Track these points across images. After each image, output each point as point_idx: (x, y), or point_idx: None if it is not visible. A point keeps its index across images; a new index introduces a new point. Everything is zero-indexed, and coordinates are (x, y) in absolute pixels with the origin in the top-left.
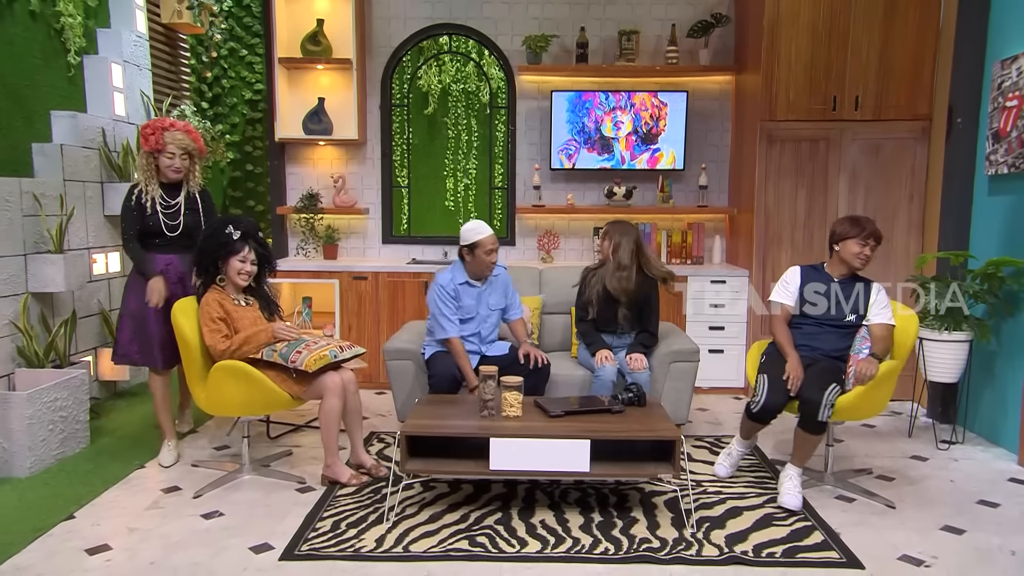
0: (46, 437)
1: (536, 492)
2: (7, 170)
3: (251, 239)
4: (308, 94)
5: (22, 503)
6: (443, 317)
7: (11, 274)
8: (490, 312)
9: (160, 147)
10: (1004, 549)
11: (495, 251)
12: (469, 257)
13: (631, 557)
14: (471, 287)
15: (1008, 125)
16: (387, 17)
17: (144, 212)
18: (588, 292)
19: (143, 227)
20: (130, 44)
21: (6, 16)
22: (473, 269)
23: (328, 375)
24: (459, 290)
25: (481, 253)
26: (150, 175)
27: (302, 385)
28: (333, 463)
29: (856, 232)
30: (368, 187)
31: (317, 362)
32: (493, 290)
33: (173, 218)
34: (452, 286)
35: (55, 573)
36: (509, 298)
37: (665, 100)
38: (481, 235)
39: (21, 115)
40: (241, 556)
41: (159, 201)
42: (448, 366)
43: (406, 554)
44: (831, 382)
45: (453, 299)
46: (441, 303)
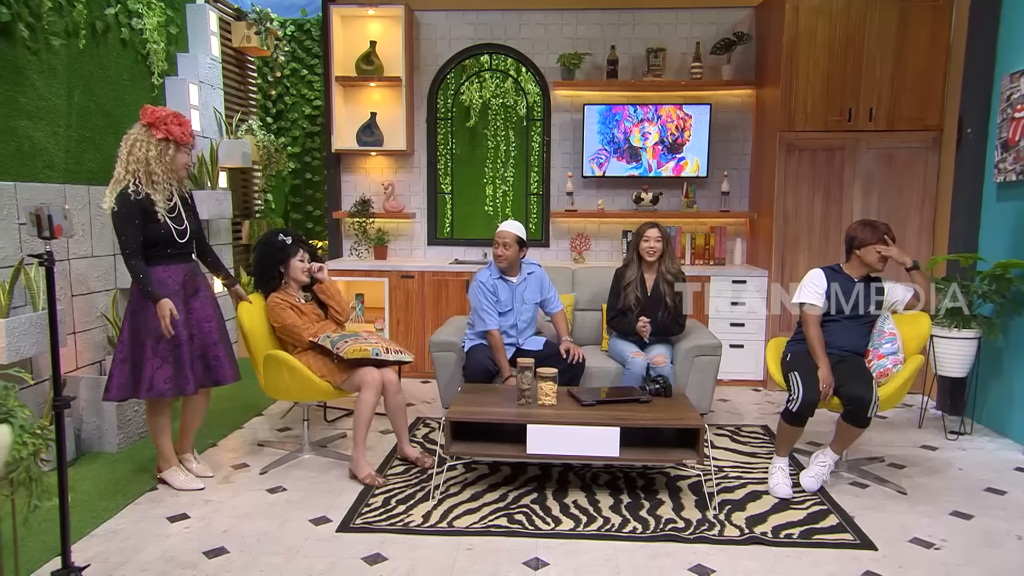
0: (132, 417)
1: (569, 474)
2: (100, 180)
3: (300, 242)
4: (361, 109)
5: (113, 475)
6: (483, 311)
7: (103, 272)
8: (525, 305)
9: (189, 140)
10: (1011, 534)
11: (500, 244)
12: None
13: (657, 536)
14: (505, 282)
15: (1017, 135)
16: (433, 38)
17: (151, 218)
18: (625, 298)
19: (149, 237)
20: (205, 66)
21: (101, 44)
22: (498, 263)
23: (367, 369)
24: (496, 285)
25: (494, 247)
26: (170, 173)
27: (344, 374)
28: (357, 457)
29: (876, 239)
30: (415, 193)
31: (355, 353)
32: (528, 285)
33: (179, 223)
34: (491, 282)
35: (142, 536)
36: (546, 292)
37: (690, 112)
38: (498, 230)
39: (112, 131)
40: (302, 527)
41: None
42: (481, 359)
43: (450, 529)
44: (870, 378)
45: (492, 294)
46: (481, 297)
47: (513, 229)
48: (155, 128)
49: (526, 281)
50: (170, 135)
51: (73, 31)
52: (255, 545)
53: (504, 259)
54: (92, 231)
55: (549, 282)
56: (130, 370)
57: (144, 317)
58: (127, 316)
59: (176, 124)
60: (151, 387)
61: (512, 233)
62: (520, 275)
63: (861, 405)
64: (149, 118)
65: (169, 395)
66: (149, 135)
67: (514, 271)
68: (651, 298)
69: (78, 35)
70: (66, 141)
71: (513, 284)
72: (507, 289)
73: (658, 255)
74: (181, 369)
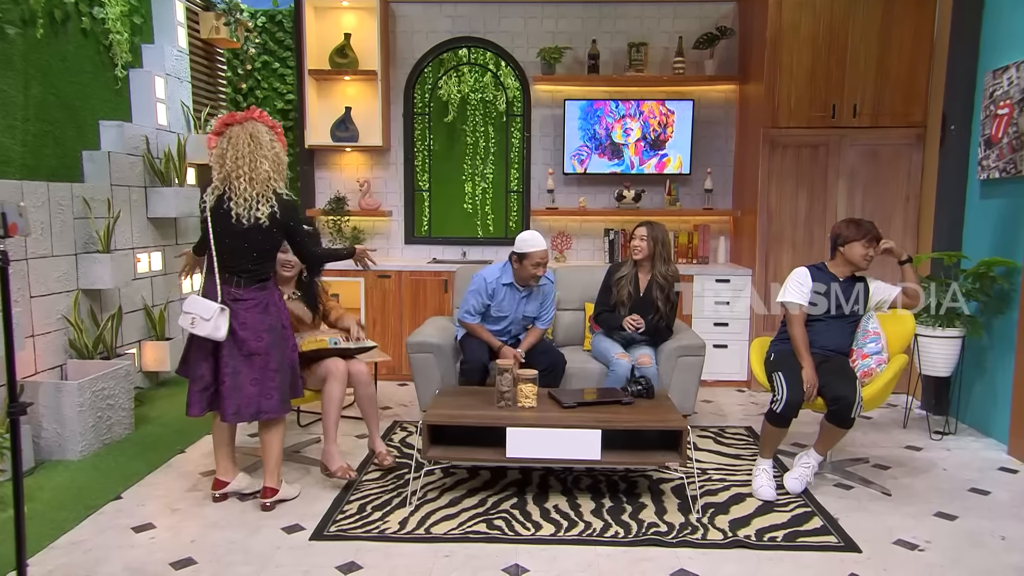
0: (95, 423)
1: (550, 478)
2: (60, 176)
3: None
4: (336, 103)
5: (74, 484)
6: (469, 307)
7: (64, 272)
8: (524, 317)
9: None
10: (994, 534)
11: (542, 266)
12: (517, 264)
13: (640, 540)
14: (514, 290)
15: (1000, 132)
16: (410, 31)
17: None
18: (618, 292)
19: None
20: (172, 58)
21: (60, 34)
22: (519, 276)
23: (331, 360)
24: (500, 289)
25: (528, 264)
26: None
27: (308, 372)
28: (328, 448)
29: (861, 235)
30: (391, 191)
31: (311, 344)
32: (533, 299)
33: None
34: (495, 284)
35: (105, 548)
36: (544, 309)
37: (672, 108)
38: (533, 248)
39: (73, 125)
40: (275, 536)
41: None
42: (479, 354)
43: (427, 536)
44: (854, 378)
45: (488, 296)
46: (473, 296)
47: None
48: (279, 134)
49: (532, 294)
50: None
51: (30, 19)
52: (224, 555)
53: (537, 280)
54: (52, 229)
55: (552, 301)
56: (288, 382)
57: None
58: (273, 330)
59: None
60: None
61: (547, 250)
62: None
63: (845, 405)
64: (270, 122)
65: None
66: (274, 138)
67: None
68: (643, 299)
69: (35, 24)
70: (23, 135)
71: (519, 294)
72: (512, 297)
73: (644, 255)
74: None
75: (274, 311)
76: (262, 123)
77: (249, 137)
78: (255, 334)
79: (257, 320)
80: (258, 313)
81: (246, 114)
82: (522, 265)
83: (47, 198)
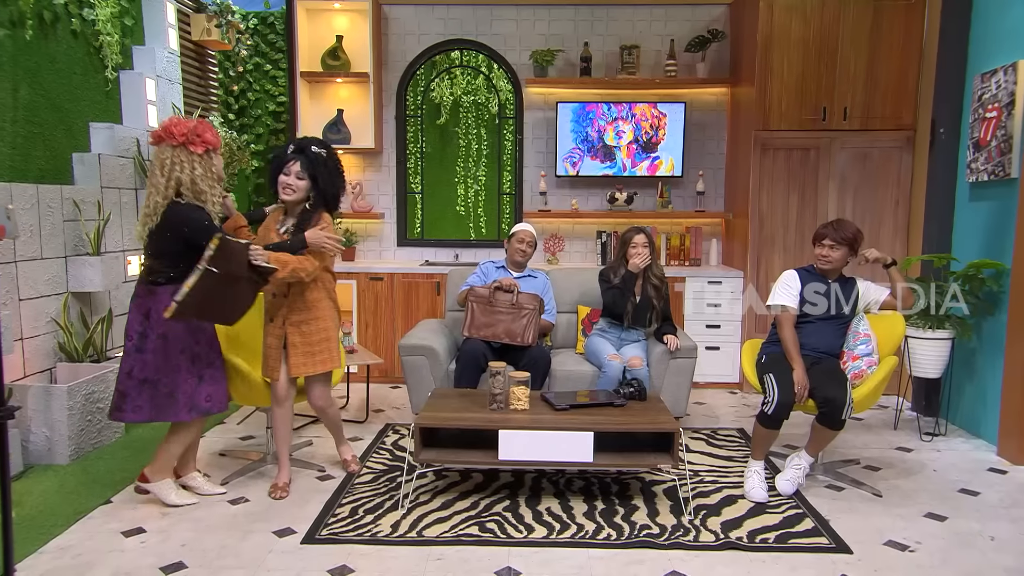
0: (85, 427)
1: (542, 481)
2: (50, 178)
3: (303, 153)
4: (328, 106)
5: (64, 488)
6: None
7: (53, 275)
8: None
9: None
10: (984, 535)
11: (526, 243)
12: (507, 244)
13: (632, 542)
14: (507, 273)
15: (988, 135)
16: (402, 33)
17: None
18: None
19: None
20: (163, 60)
21: (50, 35)
22: (508, 257)
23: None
24: (496, 271)
25: (514, 242)
26: (216, 184)
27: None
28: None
29: (819, 237)
30: (384, 193)
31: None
32: (528, 285)
33: None
34: (491, 267)
35: (95, 553)
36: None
37: (664, 111)
38: (518, 229)
39: (62, 127)
40: (266, 539)
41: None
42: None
43: (420, 539)
44: (845, 380)
45: (486, 276)
46: (474, 276)
47: (532, 228)
48: (192, 144)
49: (527, 279)
50: (208, 144)
51: (19, 21)
52: (215, 559)
53: (527, 256)
54: (41, 232)
55: (551, 296)
56: (150, 392)
57: (176, 334)
58: (152, 335)
59: (206, 131)
60: (193, 408)
61: (532, 232)
62: (524, 271)
63: (836, 407)
64: (179, 136)
65: (215, 410)
66: (188, 154)
67: (521, 268)
68: (639, 306)
69: (24, 25)
70: (12, 137)
71: (513, 277)
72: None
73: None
74: (218, 383)
75: (154, 320)
76: (170, 143)
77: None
78: (128, 330)
79: (133, 318)
80: (138, 313)
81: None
82: (510, 243)
83: (36, 200)
